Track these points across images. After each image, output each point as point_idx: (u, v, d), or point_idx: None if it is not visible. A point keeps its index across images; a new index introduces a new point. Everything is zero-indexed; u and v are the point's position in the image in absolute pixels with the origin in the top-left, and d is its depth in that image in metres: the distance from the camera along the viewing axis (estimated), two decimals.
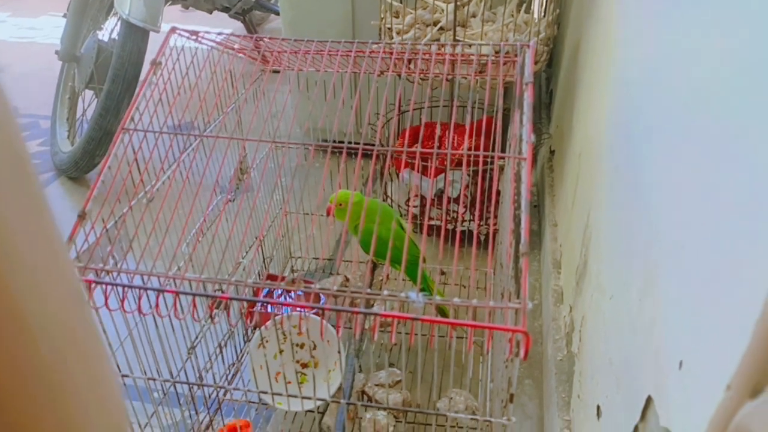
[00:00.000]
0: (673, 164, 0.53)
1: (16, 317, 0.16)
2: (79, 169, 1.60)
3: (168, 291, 0.53)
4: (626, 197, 0.67)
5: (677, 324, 0.47)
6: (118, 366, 0.70)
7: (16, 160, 0.17)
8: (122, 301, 0.55)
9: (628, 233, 0.64)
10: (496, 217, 1.16)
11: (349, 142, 0.73)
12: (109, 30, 1.62)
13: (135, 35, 1.46)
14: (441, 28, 1.17)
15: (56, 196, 1.61)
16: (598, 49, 0.94)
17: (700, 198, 0.46)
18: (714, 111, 0.45)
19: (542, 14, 1.19)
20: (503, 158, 0.92)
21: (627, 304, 0.61)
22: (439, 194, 1.24)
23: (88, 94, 1.67)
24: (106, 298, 0.57)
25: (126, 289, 0.55)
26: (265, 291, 0.85)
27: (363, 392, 0.88)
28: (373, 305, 0.86)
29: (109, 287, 0.57)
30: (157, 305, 0.53)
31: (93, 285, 0.57)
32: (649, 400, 0.51)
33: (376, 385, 0.88)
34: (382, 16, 1.21)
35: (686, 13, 0.55)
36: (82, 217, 0.61)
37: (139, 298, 0.54)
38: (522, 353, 0.48)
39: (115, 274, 0.58)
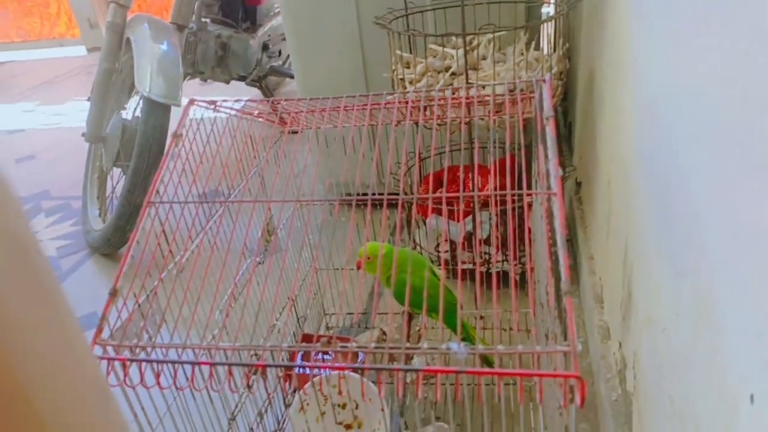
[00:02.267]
0: (717, 178, 0.51)
1: (26, 410, 0.15)
2: (111, 245, 1.63)
3: (202, 363, 0.51)
4: (667, 221, 0.65)
5: (742, 353, 0.44)
6: None
7: (23, 254, 0.16)
8: (157, 376, 0.54)
9: (674, 258, 0.61)
10: (530, 255, 1.13)
11: (373, 194, 0.72)
12: (132, 109, 1.68)
13: (157, 111, 1.51)
14: (453, 74, 1.18)
15: (91, 274, 1.63)
16: (615, 75, 0.93)
17: (749, 213, 0.43)
18: (747, 120, 0.43)
19: (552, 49, 1.19)
20: (531, 195, 0.90)
21: (683, 336, 0.58)
22: (469, 237, 1.22)
23: (116, 171, 1.72)
24: (142, 376, 0.56)
25: (160, 364, 0.54)
26: (301, 353, 0.83)
27: None
28: (413, 359, 0.83)
29: (144, 364, 0.56)
30: (192, 378, 0.52)
31: (128, 363, 0.56)
32: None
33: None
34: (393, 67, 1.22)
35: (700, 28, 0.53)
36: (113, 294, 0.60)
37: (174, 373, 0.53)
38: (578, 400, 0.45)
39: (149, 349, 0.57)
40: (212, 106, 0.79)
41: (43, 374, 0.16)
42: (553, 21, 1.16)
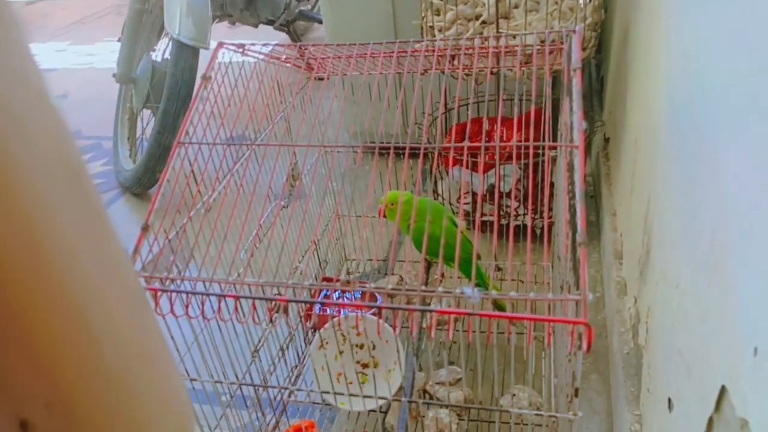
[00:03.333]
0: (741, 141, 0.50)
1: (80, 320, 0.17)
2: (141, 185, 1.67)
3: (229, 296, 0.54)
4: (690, 180, 0.64)
5: (749, 308, 0.45)
6: (186, 371, 0.73)
7: (70, 168, 0.18)
8: (186, 307, 0.57)
9: (694, 217, 0.62)
10: (550, 209, 1.14)
11: (396, 143, 0.73)
12: (162, 51, 1.69)
13: (186, 53, 1.52)
14: (483, 22, 1.16)
15: (122, 212, 1.68)
16: (650, 28, 0.91)
17: None
18: None
19: None
20: (555, 149, 0.90)
21: (695, 292, 0.59)
22: (491, 190, 1.23)
23: (146, 113, 1.75)
24: (172, 305, 0.59)
25: (189, 295, 0.57)
26: (322, 293, 0.86)
27: (424, 391, 0.88)
28: (429, 303, 0.86)
29: (174, 295, 0.60)
30: (219, 310, 0.55)
31: (159, 293, 0.60)
32: (723, 389, 0.49)
33: (437, 383, 0.87)
34: (423, 14, 1.21)
35: None
36: (145, 229, 0.63)
37: (202, 304, 0.56)
38: (585, 346, 0.47)
39: (178, 281, 0.61)
40: (241, 50, 0.80)
41: (95, 286, 0.18)
42: None
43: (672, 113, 0.74)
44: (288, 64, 0.90)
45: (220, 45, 0.78)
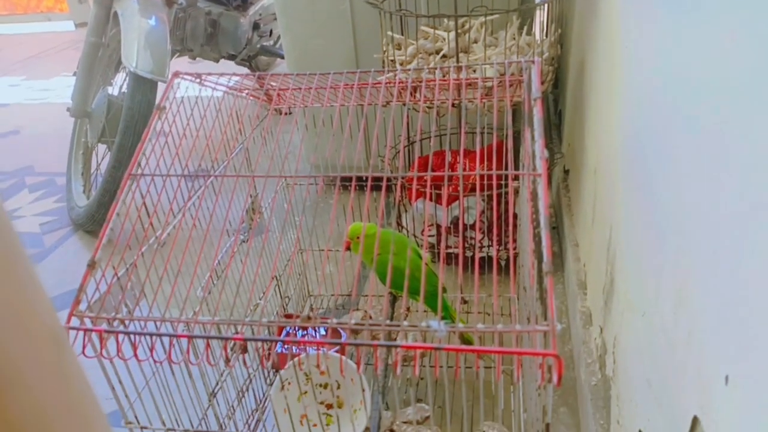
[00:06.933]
0: (699, 169, 0.51)
1: None
2: (95, 222, 1.61)
3: (180, 336, 0.51)
4: (650, 208, 0.65)
5: (718, 336, 0.44)
6: (136, 418, 0.68)
7: None
8: (134, 348, 0.54)
9: (656, 245, 0.62)
10: (515, 240, 1.14)
11: (359, 176, 0.71)
12: (119, 84, 1.66)
13: (143, 87, 1.49)
14: (444, 56, 1.17)
15: (74, 250, 1.61)
16: (605, 63, 0.93)
17: (731, 200, 0.43)
18: (735, 112, 0.43)
19: (544, 35, 1.19)
20: (517, 180, 0.90)
21: (661, 320, 0.58)
22: (455, 222, 1.22)
23: (101, 148, 1.70)
24: (119, 347, 0.55)
25: (138, 336, 0.53)
26: (284, 331, 0.83)
27: (391, 431, 0.84)
28: (394, 338, 0.83)
29: (122, 336, 0.56)
30: (170, 351, 0.51)
31: (105, 335, 0.56)
32: (695, 420, 0.48)
33: (404, 422, 0.84)
34: (384, 48, 1.21)
35: (692, 21, 0.53)
36: (91, 266, 0.59)
37: (152, 345, 0.52)
38: (555, 379, 0.45)
39: (127, 322, 0.57)
40: (197, 80, 0.78)
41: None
42: (546, 6, 1.15)
43: (629, 144, 0.75)
44: (245, 94, 0.89)
45: (176, 74, 0.75)
